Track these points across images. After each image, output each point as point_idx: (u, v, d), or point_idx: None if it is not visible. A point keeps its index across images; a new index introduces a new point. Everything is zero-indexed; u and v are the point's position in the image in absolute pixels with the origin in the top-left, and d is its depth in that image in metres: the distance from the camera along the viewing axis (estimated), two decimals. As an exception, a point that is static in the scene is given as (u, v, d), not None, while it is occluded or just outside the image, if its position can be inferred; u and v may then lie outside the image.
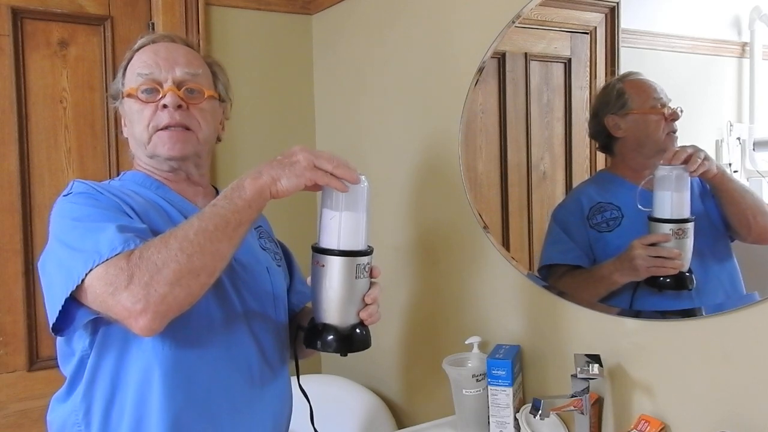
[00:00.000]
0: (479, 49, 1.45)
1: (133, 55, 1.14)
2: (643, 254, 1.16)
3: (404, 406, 1.82)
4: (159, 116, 1.09)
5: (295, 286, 1.32)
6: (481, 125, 1.48)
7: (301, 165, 0.94)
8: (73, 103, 1.80)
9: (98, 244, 0.91)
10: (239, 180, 0.95)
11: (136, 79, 1.10)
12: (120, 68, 1.17)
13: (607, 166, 1.27)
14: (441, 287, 1.66)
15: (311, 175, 0.94)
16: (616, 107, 1.22)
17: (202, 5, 1.90)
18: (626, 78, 1.21)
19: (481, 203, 1.50)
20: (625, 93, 1.21)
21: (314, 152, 0.96)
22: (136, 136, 1.12)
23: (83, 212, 0.99)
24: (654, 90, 1.18)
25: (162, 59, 1.11)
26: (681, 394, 1.13)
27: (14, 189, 1.73)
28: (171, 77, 1.10)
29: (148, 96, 1.09)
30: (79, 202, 1.01)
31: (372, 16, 1.85)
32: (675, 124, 1.16)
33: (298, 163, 0.94)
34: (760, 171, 1.08)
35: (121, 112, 1.16)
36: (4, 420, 1.73)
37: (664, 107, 1.16)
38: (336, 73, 2.04)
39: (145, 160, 1.14)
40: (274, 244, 1.29)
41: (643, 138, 1.22)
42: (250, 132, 2.02)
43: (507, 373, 1.30)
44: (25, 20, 1.74)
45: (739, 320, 1.04)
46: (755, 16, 1.04)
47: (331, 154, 0.96)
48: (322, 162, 0.95)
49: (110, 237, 0.92)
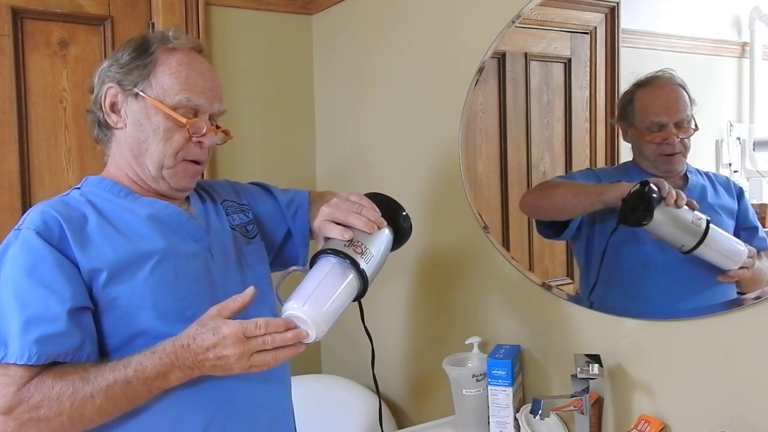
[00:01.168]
0: (479, 49, 1.45)
1: (164, 57, 1.06)
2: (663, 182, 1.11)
3: (404, 406, 1.82)
4: (193, 150, 1.08)
5: (287, 211, 1.30)
6: (481, 125, 1.48)
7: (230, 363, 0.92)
8: (73, 103, 1.80)
9: (6, 334, 0.92)
10: (165, 364, 0.93)
11: (176, 98, 1.04)
12: (141, 55, 1.07)
13: (632, 159, 1.23)
14: (441, 287, 1.66)
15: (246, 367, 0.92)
16: (623, 115, 1.20)
17: (202, 5, 1.90)
18: (646, 84, 1.16)
19: (481, 203, 1.50)
20: (632, 103, 1.17)
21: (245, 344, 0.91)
22: (148, 149, 1.06)
23: (15, 278, 0.95)
24: (659, 109, 1.14)
25: (207, 89, 1.08)
26: (681, 394, 1.13)
27: (14, 189, 1.73)
28: (210, 111, 1.08)
29: (186, 120, 1.06)
30: (19, 259, 0.96)
31: (372, 16, 1.85)
32: (675, 146, 1.12)
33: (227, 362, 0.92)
34: (760, 171, 1.08)
35: (124, 102, 1.07)
36: (4, 420, 1.73)
37: (662, 130, 1.12)
38: (336, 73, 2.04)
39: (133, 165, 1.08)
40: (242, 213, 1.24)
41: (640, 153, 1.19)
42: (250, 132, 2.02)
43: (507, 373, 1.30)
44: (25, 20, 1.74)
45: (739, 320, 1.04)
46: (755, 16, 1.04)
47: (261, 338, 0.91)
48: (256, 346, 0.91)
49: (14, 335, 0.91)
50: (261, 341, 0.91)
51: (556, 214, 1.33)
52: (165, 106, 1.04)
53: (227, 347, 0.90)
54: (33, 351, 0.90)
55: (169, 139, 1.06)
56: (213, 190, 1.25)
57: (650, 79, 1.15)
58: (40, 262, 0.96)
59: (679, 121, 1.12)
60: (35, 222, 0.99)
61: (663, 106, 1.14)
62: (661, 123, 1.13)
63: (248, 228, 1.23)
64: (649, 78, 1.15)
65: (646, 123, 1.15)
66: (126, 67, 1.07)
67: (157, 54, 1.06)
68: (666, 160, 1.14)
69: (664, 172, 1.15)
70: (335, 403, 1.81)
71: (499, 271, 1.47)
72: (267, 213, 1.30)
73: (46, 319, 0.92)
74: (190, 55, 1.09)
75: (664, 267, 1.18)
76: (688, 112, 1.11)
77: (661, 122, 1.13)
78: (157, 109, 1.05)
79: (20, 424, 0.90)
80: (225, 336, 0.90)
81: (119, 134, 1.09)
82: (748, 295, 1.04)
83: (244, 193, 1.30)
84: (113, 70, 1.07)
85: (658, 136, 1.13)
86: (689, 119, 1.11)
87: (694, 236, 1.09)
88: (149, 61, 1.06)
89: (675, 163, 1.14)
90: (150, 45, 1.07)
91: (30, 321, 0.92)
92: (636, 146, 1.20)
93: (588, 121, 1.29)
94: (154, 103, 1.05)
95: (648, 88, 1.16)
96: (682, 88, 1.12)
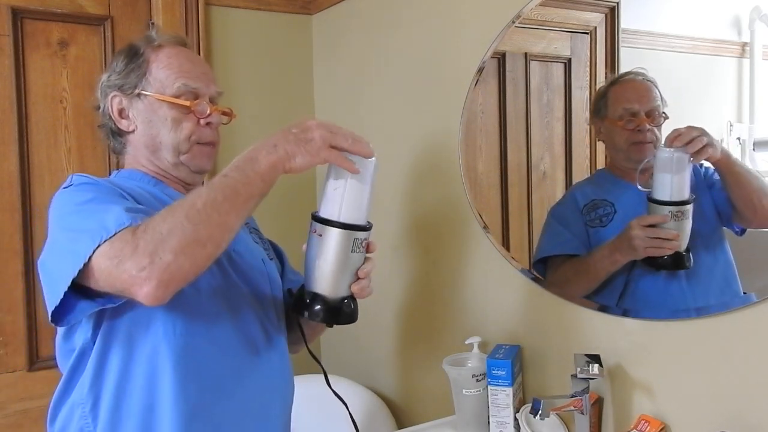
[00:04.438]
0: (479, 49, 1.45)
1: (154, 55, 1.12)
2: (641, 235, 1.16)
3: (404, 406, 1.82)
4: (204, 132, 1.12)
5: (287, 275, 1.33)
6: (481, 125, 1.48)
7: (316, 144, 0.93)
8: (73, 103, 1.79)
9: (104, 221, 0.91)
10: (252, 150, 0.94)
11: (175, 86, 1.10)
12: (132, 59, 1.12)
13: (606, 164, 1.29)
14: (441, 287, 1.66)
15: (327, 155, 0.93)
16: (596, 111, 1.25)
17: (202, 5, 1.90)
18: (618, 80, 1.22)
19: (481, 203, 1.50)
20: (605, 97, 1.23)
21: (330, 128, 0.95)
22: (162, 141, 1.11)
23: (87, 197, 0.99)
24: (631, 97, 1.19)
25: (201, 73, 1.13)
26: (681, 394, 1.13)
27: (14, 189, 1.73)
28: (208, 94, 1.13)
29: (190, 103, 1.10)
30: (81, 189, 1.02)
31: (372, 16, 1.85)
32: (646, 134, 1.16)
33: (313, 141, 0.93)
34: (760, 171, 1.08)
35: (130, 106, 1.12)
36: (4, 420, 1.72)
37: (634, 117, 1.17)
38: (336, 73, 2.04)
39: (152, 160, 1.13)
40: (263, 241, 1.30)
41: (613, 146, 1.24)
42: (249, 132, 2.01)
43: (507, 373, 1.31)
44: (25, 20, 1.74)
45: (739, 320, 1.05)
46: (755, 16, 1.04)
47: (347, 132, 0.95)
48: (339, 140, 0.94)
49: (117, 214, 0.91)
50: (343, 134, 0.94)
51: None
52: (167, 97, 1.10)
53: (312, 126, 0.94)
54: (144, 217, 0.92)
55: (178, 127, 1.11)
56: None
57: (622, 75, 1.22)
58: (108, 187, 1.04)
59: (650, 110, 1.17)
60: (83, 177, 1.06)
61: (635, 94, 1.20)
62: (633, 110, 1.18)
63: (267, 251, 1.27)
64: (620, 75, 1.22)
65: (619, 111, 1.20)
66: (122, 73, 1.12)
67: (147, 54, 1.12)
68: (638, 148, 1.19)
69: (636, 162, 1.18)
70: (335, 403, 1.81)
71: (499, 271, 1.47)
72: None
73: (142, 210, 0.96)
74: (176, 48, 1.14)
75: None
76: (659, 104, 1.16)
77: (633, 109, 1.18)
78: (161, 102, 1.10)
79: (151, 251, 0.87)
80: (312, 120, 0.95)
81: (133, 137, 1.14)
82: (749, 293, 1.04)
83: (269, 241, 1.35)
84: (112, 80, 1.14)
85: (631, 122, 1.18)
86: (659, 111, 1.16)
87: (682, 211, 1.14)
88: (142, 61, 1.12)
89: (646, 152, 1.18)
90: (138, 49, 1.14)
91: (130, 209, 0.94)
92: (610, 140, 1.25)
93: (588, 121, 1.29)
94: (157, 97, 1.10)
95: (620, 83, 1.22)
96: (653, 84, 1.17)
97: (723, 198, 1.09)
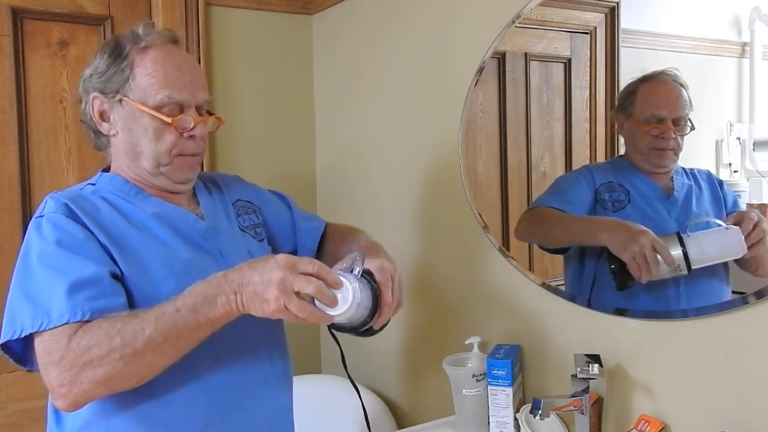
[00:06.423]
0: (479, 49, 1.45)
1: (139, 58, 1.06)
2: (643, 251, 1.13)
3: (404, 406, 1.82)
4: (186, 144, 1.08)
5: (300, 227, 1.31)
6: (481, 125, 1.48)
7: (270, 307, 0.89)
8: (73, 103, 1.79)
9: (48, 303, 0.92)
10: (214, 288, 0.91)
11: (158, 97, 1.04)
12: (116, 60, 1.06)
13: (624, 153, 1.25)
14: (441, 287, 1.66)
15: (280, 316, 0.90)
16: (623, 107, 1.21)
17: (202, 5, 1.90)
18: (650, 78, 1.18)
19: (481, 203, 1.50)
20: (633, 95, 1.19)
21: (287, 287, 0.88)
22: (142, 150, 1.07)
23: (46, 251, 0.97)
24: (660, 103, 1.15)
25: (188, 81, 1.07)
26: (681, 394, 1.13)
27: (14, 189, 1.73)
28: (195, 103, 1.08)
29: (171, 119, 1.06)
30: (45, 236, 0.99)
31: (372, 16, 1.85)
32: (669, 141, 1.14)
33: (268, 303, 0.89)
34: (760, 171, 1.08)
35: (111, 110, 1.08)
36: (4, 420, 1.73)
37: (660, 124, 1.14)
38: (336, 73, 2.04)
39: (132, 168, 1.10)
40: (254, 214, 1.25)
41: (633, 145, 1.22)
42: (249, 132, 2.02)
43: (507, 373, 1.30)
44: (25, 20, 1.74)
45: (739, 320, 1.04)
46: (755, 16, 1.04)
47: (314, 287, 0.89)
48: (294, 305, 0.89)
49: (59, 301, 0.92)
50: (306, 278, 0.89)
51: (552, 246, 1.37)
52: (149, 108, 1.05)
53: (273, 281, 0.88)
54: (86, 308, 0.92)
55: (160, 139, 1.07)
56: (226, 187, 1.26)
57: (655, 74, 1.17)
58: (70, 236, 0.99)
59: (677, 118, 1.14)
60: (55, 206, 1.02)
61: (665, 100, 1.16)
62: (660, 116, 1.15)
63: (257, 230, 1.24)
64: (654, 73, 1.17)
65: (646, 115, 1.17)
66: (105, 75, 1.07)
67: (131, 56, 1.06)
68: (659, 154, 1.17)
69: (654, 167, 1.17)
70: (335, 403, 1.81)
71: (499, 271, 1.47)
72: (277, 224, 1.31)
73: (91, 282, 0.95)
74: (164, 50, 1.07)
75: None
76: (687, 112, 1.13)
77: (661, 116, 1.15)
78: (142, 111, 1.05)
79: (75, 372, 0.90)
80: (277, 259, 0.90)
81: (114, 140, 1.11)
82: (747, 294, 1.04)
83: (258, 196, 1.31)
84: (94, 80, 1.08)
85: (656, 129, 1.15)
86: (686, 119, 1.13)
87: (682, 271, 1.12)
88: (125, 64, 1.06)
89: (666, 159, 1.16)
90: (123, 47, 1.07)
91: (75, 285, 0.93)
92: (631, 139, 1.22)
93: (588, 121, 1.29)
94: (138, 106, 1.05)
95: (651, 82, 1.17)
96: (684, 89, 1.14)
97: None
